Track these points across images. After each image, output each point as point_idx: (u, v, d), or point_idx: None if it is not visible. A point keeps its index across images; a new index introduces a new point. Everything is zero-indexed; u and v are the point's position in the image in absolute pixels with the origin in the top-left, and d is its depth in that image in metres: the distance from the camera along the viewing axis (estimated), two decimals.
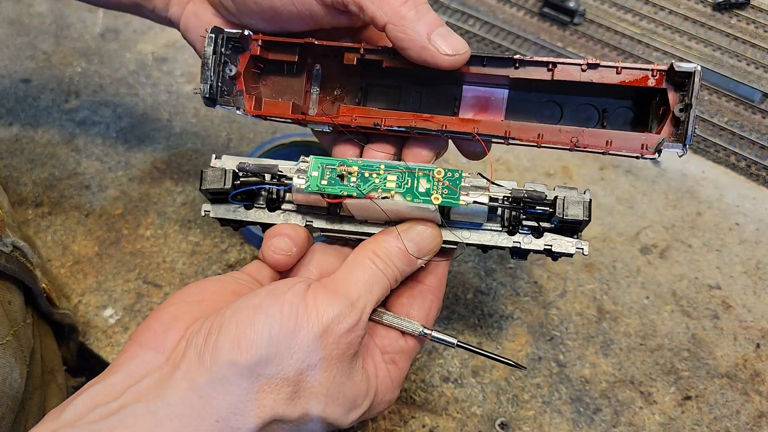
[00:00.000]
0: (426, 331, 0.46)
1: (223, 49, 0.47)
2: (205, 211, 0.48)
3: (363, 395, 0.42)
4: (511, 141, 0.46)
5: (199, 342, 0.39)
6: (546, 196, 0.45)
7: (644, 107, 0.46)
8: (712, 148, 0.84)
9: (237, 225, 0.50)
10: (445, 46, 0.42)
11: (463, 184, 0.43)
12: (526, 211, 0.46)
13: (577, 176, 0.77)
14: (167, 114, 0.81)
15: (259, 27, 0.48)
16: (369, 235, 0.46)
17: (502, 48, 0.94)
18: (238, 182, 0.46)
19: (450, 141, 0.50)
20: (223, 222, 0.49)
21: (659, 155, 0.44)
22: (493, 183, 0.44)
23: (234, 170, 0.46)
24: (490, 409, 0.59)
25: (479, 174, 0.45)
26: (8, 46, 0.87)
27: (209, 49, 0.46)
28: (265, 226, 0.48)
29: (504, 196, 0.46)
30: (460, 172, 0.43)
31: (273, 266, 0.46)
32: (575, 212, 0.43)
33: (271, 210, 0.48)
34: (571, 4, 0.96)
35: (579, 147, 0.45)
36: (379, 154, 0.48)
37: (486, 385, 0.60)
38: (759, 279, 0.71)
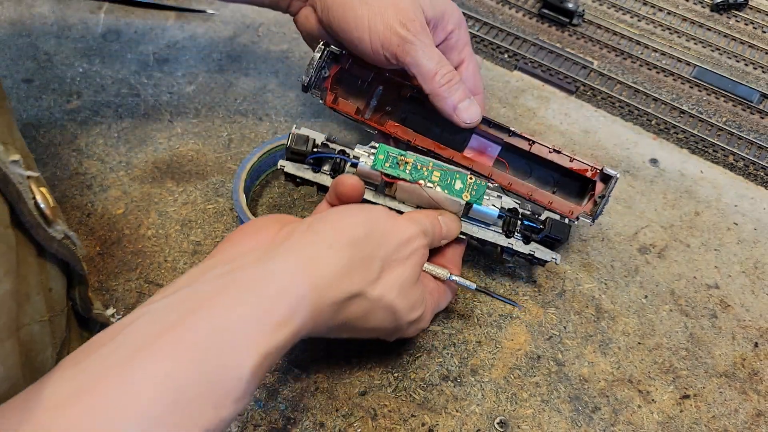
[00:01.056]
0: (453, 277, 0.56)
1: (325, 57, 0.63)
2: (281, 165, 0.59)
3: (420, 303, 0.52)
4: (490, 180, 0.62)
5: (302, 227, 0.46)
6: (540, 214, 0.61)
7: (585, 186, 0.64)
8: (710, 148, 0.84)
9: (301, 182, 0.60)
10: (465, 116, 0.60)
11: (486, 190, 0.57)
12: (523, 222, 0.60)
13: None
14: (168, 114, 0.82)
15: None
16: (403, 213, 0.58)
17: (501, 48, 0.94)
18: (317, 149, 0.58)
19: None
20: (288, 176, 0.60)
21: (577, 221, 0.62)
22: (506, 194, 0.60)
23: (314, 139, 0.58)
24: (489, 408, 0.59)
25: (499, 186, 0.61)
26: (10, 47, 0.88)
27: (317, 55, 0.63)
28: (324, 189, 0.59)
29: (510, 208, 0.60)
30: (485, 182, 0.57)
31: (348, 188, 0.54)
32: (558, 231, 0.59)
33: (333, 177, 0.59)
34: (570, 5, 0.96)
35: (532, 200, 0.63)
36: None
37: (485, 384, 0.61)
38: (757, 278, 0.71)
